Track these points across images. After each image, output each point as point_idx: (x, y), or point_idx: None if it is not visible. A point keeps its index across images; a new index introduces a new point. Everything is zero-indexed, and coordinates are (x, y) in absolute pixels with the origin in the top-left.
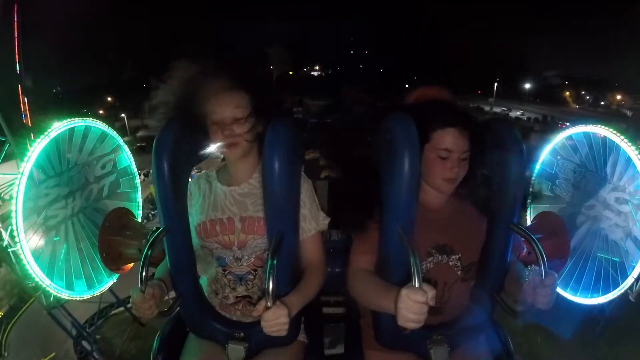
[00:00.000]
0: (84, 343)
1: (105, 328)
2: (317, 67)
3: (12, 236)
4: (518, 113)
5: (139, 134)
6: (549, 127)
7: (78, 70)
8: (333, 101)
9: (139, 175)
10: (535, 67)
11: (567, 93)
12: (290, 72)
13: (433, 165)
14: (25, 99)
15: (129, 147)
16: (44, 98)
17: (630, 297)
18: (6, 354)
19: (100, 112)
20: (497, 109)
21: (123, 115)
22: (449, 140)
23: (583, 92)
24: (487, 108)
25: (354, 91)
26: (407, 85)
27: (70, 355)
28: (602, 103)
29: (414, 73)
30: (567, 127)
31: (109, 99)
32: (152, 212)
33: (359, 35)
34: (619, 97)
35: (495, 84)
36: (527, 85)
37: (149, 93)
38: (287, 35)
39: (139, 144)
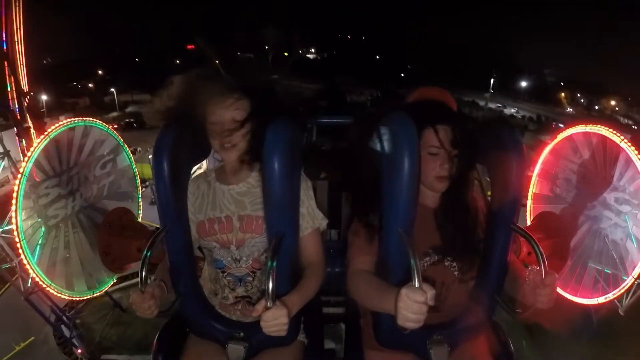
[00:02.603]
0: (64, 328)
1: (85, 313)
2: (313, 50)
3: None
4: (513, 111)
5: (128, 109)
6: (542, 127)
7: (69, 42)
8: (327, 86)
9: None
10: (533, 65)
11: (562, 94)
12: (285, 54)
13: (424, 164)
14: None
15: (117, 122)
16: (32, 69)
17: (620, 311)
18: None
19: (90, 85)
20: (492, 105)
21: (112, 89)
22: (437, 137)
23: (578, 95)
24: (482, 103)
25: (348, 77)
26: (402, 74)
27: (50, 339)
28: (597, 107)
29: (409, 63)
30: (560, 129)
31: (100, 72)
32: None
33: (358, 22)
34: (613, 102)
35: (492, 79)
36: (524, 83)
37: (140, 68)
38: (283, 16)
39: (127, 120)
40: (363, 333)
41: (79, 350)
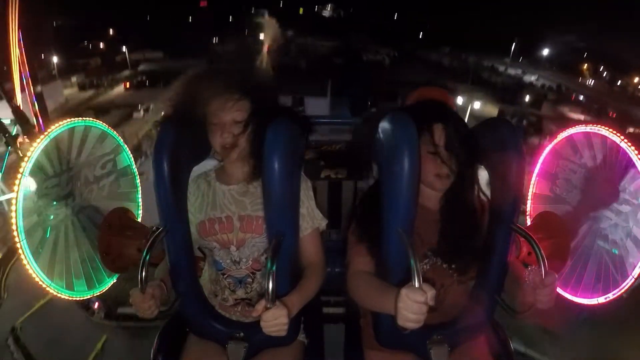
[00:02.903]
0: None
1: None
2: (329, 7)
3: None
4: (532, 78)
5: (140, 67)
6: (562, 97)
7: (78, 4)
8: (342, 43)
9: (139, 110)
10: (556, 33)
11: (585, 65)
12: (300, 11)
13: (424, 162)
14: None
15: (129, 80)
16: (42, 32)
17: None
18: (5, 296)
19: (101, 45)
20: (512, 72)
21: (124, 48)
22: (436, 136)
23: (601, 68)
24: (501, 68)
25: (363, 37)
26: (419, 36)
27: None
28: (619, 82)
29: (427, 24)
30: (580, 100)
31: (111, 31)
32: (150, 150)
33: None
34: (636, 79)
35: (513, 44)
36: (545, 51)
37: (151, 27)
38: None
39: (139, 79)
40: (363, 333)
41: (96, 305)
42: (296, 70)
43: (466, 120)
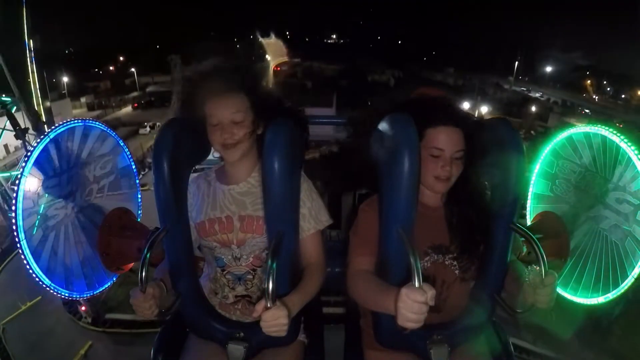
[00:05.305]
0: None
1: None
2: (334, 36)
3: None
4: (537, 94)
5: (148, 89)
6: (568, 110)
7: (90, 32)
8: (347, 66)
9: (146, 127)
10: (558, 51)
11: (588, 82)
12: (307, 39)
13: (425, 164)
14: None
15: (138, 101)
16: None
17: None
18: None
19: (111, 68)
20: (517, 88)
21: (133, 70)
22: (440, 139)
23: (605, 83)
24: (506, 86)
25: (369, 60)
26: (424, 59)
27: (56, 298)
28: (623, 96)
29: (432, 49)
30: (587, 114)
31: (121, 58)
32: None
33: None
34: None
35: (516, 63)
36: (548, 69)
37: (159, 52)
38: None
39: (148, 99)
40: (363, 333)
41: (83, 308)
42: (303, 89)
43: None
